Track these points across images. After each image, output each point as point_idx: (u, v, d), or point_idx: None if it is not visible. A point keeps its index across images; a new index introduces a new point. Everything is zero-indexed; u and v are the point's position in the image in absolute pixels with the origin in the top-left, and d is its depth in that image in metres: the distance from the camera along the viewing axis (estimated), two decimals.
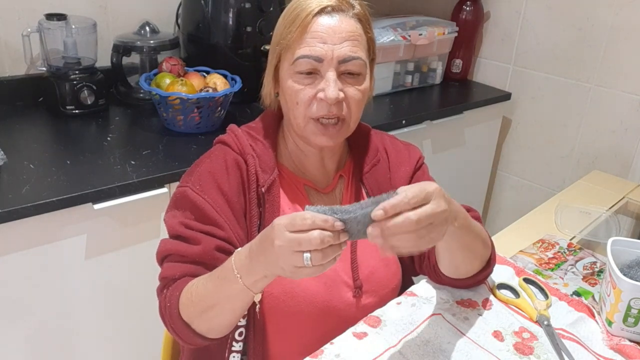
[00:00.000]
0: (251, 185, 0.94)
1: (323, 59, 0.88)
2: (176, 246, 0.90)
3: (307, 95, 0.90)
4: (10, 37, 1.58)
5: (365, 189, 1.03)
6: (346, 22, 0.90)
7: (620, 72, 2.01)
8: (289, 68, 0.91)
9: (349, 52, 0.89)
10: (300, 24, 0.88)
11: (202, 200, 0.90)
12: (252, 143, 0.97)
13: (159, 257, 0.93)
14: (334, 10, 0.89)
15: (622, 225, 1.52)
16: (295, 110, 0.91)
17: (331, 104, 0.89)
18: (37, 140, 1.44)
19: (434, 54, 2.18)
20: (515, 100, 2.31)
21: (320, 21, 0.88)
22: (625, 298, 0.92)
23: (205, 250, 0.88)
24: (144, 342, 1.41)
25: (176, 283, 0.88)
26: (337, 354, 0.88)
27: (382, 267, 1.01)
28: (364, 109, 0.97)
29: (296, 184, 0.99)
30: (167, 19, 1.83)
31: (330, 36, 0.88)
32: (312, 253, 0.69)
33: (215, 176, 0.93)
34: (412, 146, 1.11)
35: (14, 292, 1.20)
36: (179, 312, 0.85)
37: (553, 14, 2.14)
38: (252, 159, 0.95)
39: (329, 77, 0.88)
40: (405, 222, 0.70)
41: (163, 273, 0.91)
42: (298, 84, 0.90)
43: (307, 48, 0.88)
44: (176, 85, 1.47)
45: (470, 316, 0.99)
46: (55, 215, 1.17)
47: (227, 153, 0.96)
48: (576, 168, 2.20)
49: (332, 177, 1.02)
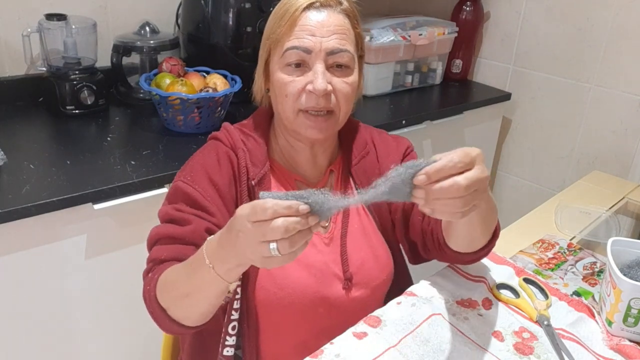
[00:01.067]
0: (242, 178, 0.96)
1: (312, 51, 0.90)
2: (166, 229, 0.91)
3: (296, 88, 0.91)
4: (10, 37, 1.58)
5: (354, 182, 1.04)
6: (334, 17, 0.92)
7: (620, 72, 2.01)
8: (278, 61, 0.93)
9: (337, 44, 0.91)
10: (290, 18, 0.91)
11: (192, 189, 0.92)
12: (243, 138, 0.99)
13: (149, 244, 0.93)
14: (322, 6, 0.92)
15: (622, 225, 1.52)
16: (285, 103, 0.93)
17: (319, 95, 0.90)
18: (37, 140, 1.44)
19: (434, 54, 2.18)
20: (515, 100, 2.31)
21: (309, 15, 0.91)
22: (625, 298, 0.92)
23: (195, 230, 0.89)
24: (144, 342, 1.41)
25: (160, 266, 0.88)
26: (337, 354, 0.88)
27: (371, 260, 1.02)
28: (363, 110, 0.98)
29: (287, 179, 1.01)
30: (167, 19, 1.83)
31: (319, 29, 0.90)
32: (278, 242, 0.66)
33: (206, 168, 0.95)
34: (401, 138, 1.13)
35: (14, 292, 1.20)
36: (156, 296, 0.85)
37: (553, 14, 2.14)
38: (243, 152, 0.97)
39: (317, 69, 0.90)
40: (453, 187, 0.67)
41: (151, 255, 0.91)
42: (287, 76, 0.92)
43: (295, 40, 0.90)
44: (176, 86, 1.47)
45: (470, 316, 0.99)
46: (55, 215, 1.17)
47: (219, 147, 0.98)
48: (576, 168, 2.20)
49: (324, 171, 1.03)
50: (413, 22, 2.09)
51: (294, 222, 0.65)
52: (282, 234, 0.65)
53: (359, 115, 1.80)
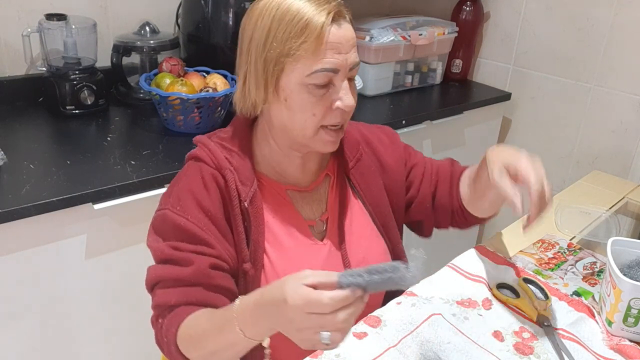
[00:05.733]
0: (233, 201, 0.91)
1: (339, 70, 0.87)
2: (166, 270, 0.87)
3: (325, 106, 0.88)
4: (10, 37, 1.58)
5: (352, 184, 1.04)
6: (349, 28, 0.89)
7: (620, 72, 2.01)
8: (302, 80, 0.86)
9: (355, 58, 0.89)
10: (317, 35, 0.84)
11: (185, 220, 0.88)
12: (227, 155, 0.94)
13: (149, 285, 0.90)
14: (339, 18, 0.87)
15: (622, 225, 1.52)
16: (309, 121, 0.89)
17: (347, 111, 0.89)
18: (37, 140, 1.44)
19: (434, 54, 2.18)
20: (515, 100, 2.31)
21: (333, 31, 0.85)
22: (625, 298, 0.92)
23: (199, 269, 0.86)
24: (144, 342, 1.41)
25: (172, 314, 0.86)
26: (337, 354, 0.88)
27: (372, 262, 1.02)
28: (363, 110, 0.98)
29: (278, 190, 0.97)
30: (167, 19, 1.83)
31: (343, 45, 0.86)
32: (332, 332, 0.67)
33: (194, 194, 0.90)
34: (384, 128, 1.15)
35: (14, 292, 1.20)
36: (178, 348, 0.84)
37: (553, 14, 2.14)
38: (231, 173, 0.92)
39: (345, 87, 0.88)
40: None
41: (156, 300, 0.88)
42: (313, 96, 0.87)
43: (325, 60, 0.85)
44: (176, 85, 1.47)
45: (470, 316, 0.99)
46: (55, 215, 1.17)
47: (203, 169, 0.92)
48: (576, 168, 2.20)
49: (315, 175, 1.02)
50: (413, 22, 2.09)
51: (353, 313, 0.67)
52: (341, 325, 0.66)
53: (359, 116, 1.81)
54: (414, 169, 1.12)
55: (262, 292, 0.75)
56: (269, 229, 0.95)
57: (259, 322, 0.74)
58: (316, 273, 0.69)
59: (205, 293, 0.86)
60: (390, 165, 1.08)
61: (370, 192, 1.05)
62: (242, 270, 0.92)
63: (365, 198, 1.05)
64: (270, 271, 0.93)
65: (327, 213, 1.01)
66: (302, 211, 0.99)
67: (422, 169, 1.12)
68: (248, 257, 0.92)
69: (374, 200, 1.05)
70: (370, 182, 1.05)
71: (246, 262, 0.92)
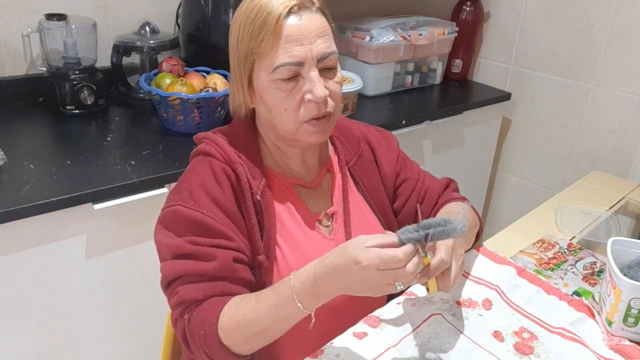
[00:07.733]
0: (245, 195, 0.92)
1: (303, 62, 0.87)
2: (187, 266, 0.86)
3: (295, 100, 0.88)
4: (10, 37, 1.58)
5: (354, 180, 1.06)
6: (314, 18, 0.88)
7: (620, 72, 2.01)
8: (267, 77, 0.88)
9: (325, 48, 0.88)
10: (272, 30, 0.85)
11: (201, 214, 0.87)
12: (236, 150, 0.94)
13: (166, 281, 0.88)
14: (300, 9, 0.87)
15: (622, 225, 1.52)
16: (284, 116, 0.90)
17: (320, 102, 0.88)
18: (37, 140, 1.44)
19: (434, 54, 2.18)
20: (515, 101, 2.31)
21: (291, 22, 0.86)
22: (625, 298, 0.92)
23: (223, 263, 0.86)
24: (144, 342, 1.41)
25: (203, 307, 0.85)
26: (337, 354, 0.88)
27: None
28: (363, 110, 0.98)
29: (285, 184, 0.98)
30: (167, 19, 1.83)
31: (305, 36, 0.86)
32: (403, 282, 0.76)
33: (207, 188, 0.89)
34: (385, 132, 1.15)
35: (14, 292, 1.20)
36: (219, 338, 0.83)
37: (553, 14, 2.14)
38: (241, 167, 0.92)
39: (313, 77, 0.87)
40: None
41: (181, 296, 0.86)
42: (282, 91, 0.88)
43: (285, 55, 0.86)
44: (176, 85, 1.47)
45: (470, 316, 0.99)
46: (55, 215, 1.17)
47: (213, 163, 0.92)
48: (576, 168, 2.20)
49: (316, 171, 1.02)
50: (413, 22, 2.09)
51: (417, 262, 0.76)
52: (411, 275, 0.75)
53: (359, 115, 1.81)
54: (405, 183, 1.11)
55: (320, 263, 0.80)
56: (280, 221, 0.95)
57: (322, 290, 0.79)
58: (373, 236, 0.77)
59: (230, 286, 0.87)
60: (384, 170, 1.09)
61: (371, 187, 1.07)
62: (257, 262, 0.92)
63: (367, 193, 1.06)
64: (283, 263, 0.94)
65: (333, 207, 1.02)
66: (309, 205, 1.00)
67: (413, 186, 1.11)
68: (262, 249, 0.92)
69: (375, 195, 1.07)
70: (371, 178, 1.07)
71: (260, 254, 0.92)
